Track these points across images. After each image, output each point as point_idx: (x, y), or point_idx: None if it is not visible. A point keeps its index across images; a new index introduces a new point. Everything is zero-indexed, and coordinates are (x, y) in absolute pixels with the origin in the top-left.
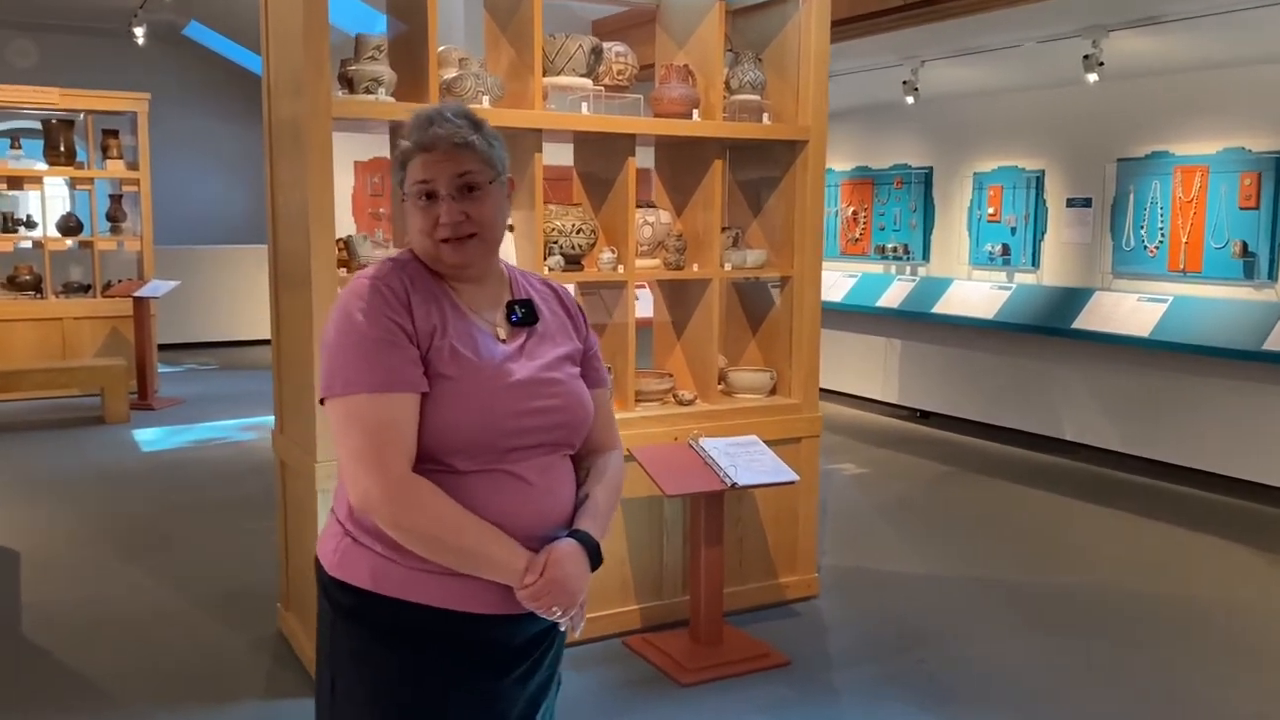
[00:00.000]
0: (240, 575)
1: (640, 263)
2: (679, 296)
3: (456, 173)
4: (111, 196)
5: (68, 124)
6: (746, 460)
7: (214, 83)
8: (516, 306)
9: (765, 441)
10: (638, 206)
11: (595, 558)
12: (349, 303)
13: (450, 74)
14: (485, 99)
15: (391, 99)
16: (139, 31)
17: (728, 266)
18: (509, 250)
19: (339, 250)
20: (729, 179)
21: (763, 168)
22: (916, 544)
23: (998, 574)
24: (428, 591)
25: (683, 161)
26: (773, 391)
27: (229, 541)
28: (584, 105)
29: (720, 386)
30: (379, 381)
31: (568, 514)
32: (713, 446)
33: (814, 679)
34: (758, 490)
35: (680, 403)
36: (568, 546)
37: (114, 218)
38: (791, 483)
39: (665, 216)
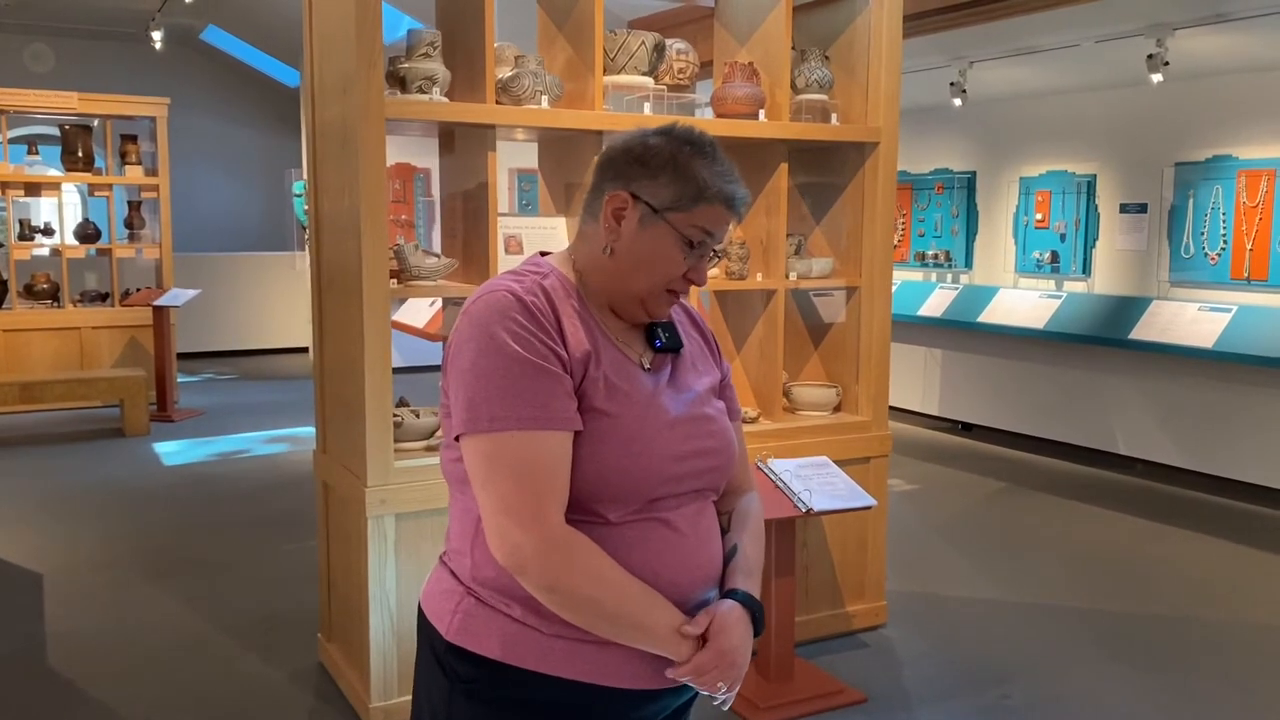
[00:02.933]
0: (276, 600)
1: None
2: (738, 307)
3: (723, 240)
4: (130, 203)
5: (86, 129)
6: (820, 484)
7: (232, 88)
8: (660, 330)
9: (834, 461)
10: None
11: (759, 622)
12: (489, 319)
13: (506, 72)
14: (544, 99)
15: (445, 99)
16: (156, 36)
17: (793, 276)
18: (563, 241)
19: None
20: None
21: (825, 171)
22: (980, 567)
23: (1071, 600)
24: (569, 664)
25: (744, 165)
26: (837, 408)
27: (261, 563)
28: (646, 105)
29: (782, 403)
30: (532, 417)
31: (719, 567)
32: (783, 469)
33: (894, 718)
34: (825, 514)
35: (743, 420)
36: (733, 612)
37: (132, 225)
38: (869, 508)
39: None
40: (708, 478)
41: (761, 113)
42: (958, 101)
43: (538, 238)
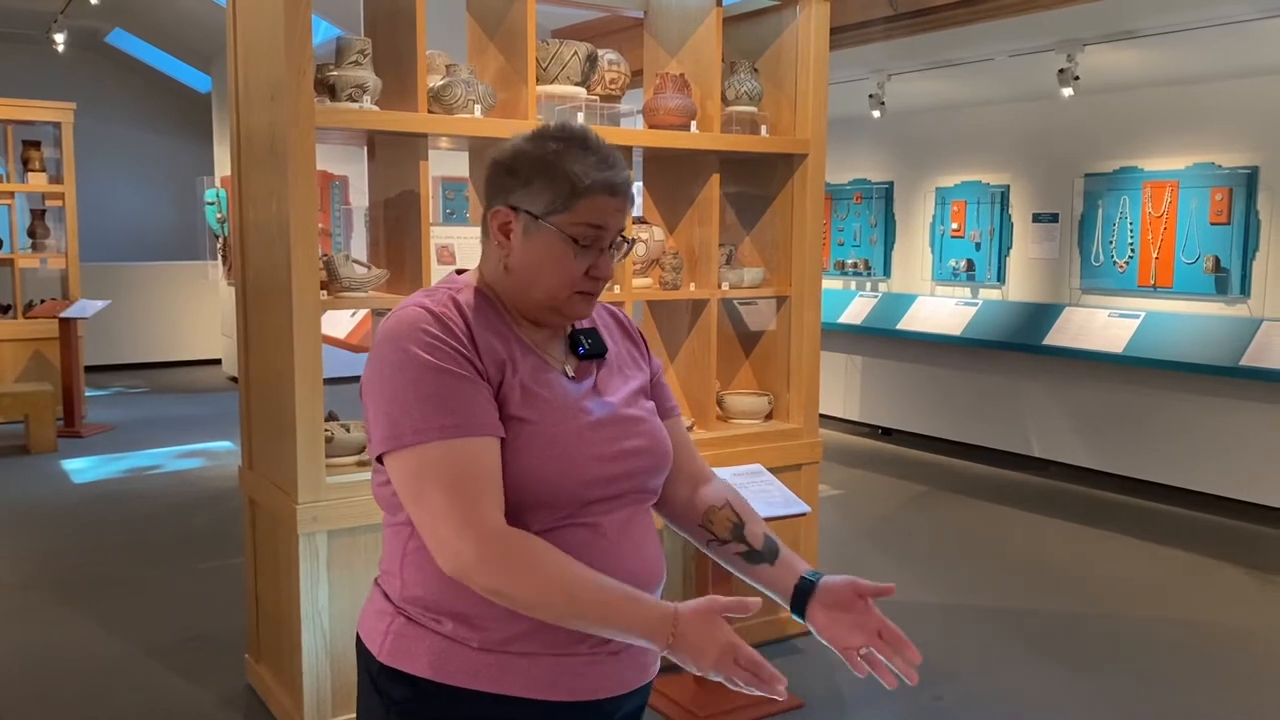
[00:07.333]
0: (198, 621)
1: (634, 282)
2: (671, 317)
3: (620, 227)
4: (33, 211)
5: None
6: (756, 491)
7: (138, 92)
8: (582, 337)
9: (767, 469)
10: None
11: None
12: (402, 336)
13: (437, 81)
14: (477, 108)
15: (376, 107)
16: (59, 38)
17: (725, 285)
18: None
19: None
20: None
21: (755, 182)
22: (907, 570)
23: (997, 601)
24: (499, 679)
25: (676, 175)
26: (769, 416)
27: (181, 583)
28: (579, 115)
29: (715, 412)
30: (456, 424)
31: (653, 574)
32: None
33: None
34: None
35: None
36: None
37: (36, 234)
38: (803, 515)
39: (659, 233)
40: (640, 478)
41: (693, 124)
42: (876, 113)
43: (470, 247)
